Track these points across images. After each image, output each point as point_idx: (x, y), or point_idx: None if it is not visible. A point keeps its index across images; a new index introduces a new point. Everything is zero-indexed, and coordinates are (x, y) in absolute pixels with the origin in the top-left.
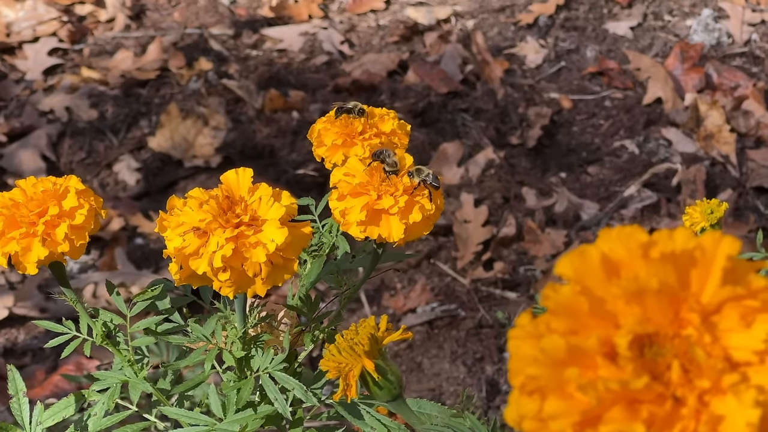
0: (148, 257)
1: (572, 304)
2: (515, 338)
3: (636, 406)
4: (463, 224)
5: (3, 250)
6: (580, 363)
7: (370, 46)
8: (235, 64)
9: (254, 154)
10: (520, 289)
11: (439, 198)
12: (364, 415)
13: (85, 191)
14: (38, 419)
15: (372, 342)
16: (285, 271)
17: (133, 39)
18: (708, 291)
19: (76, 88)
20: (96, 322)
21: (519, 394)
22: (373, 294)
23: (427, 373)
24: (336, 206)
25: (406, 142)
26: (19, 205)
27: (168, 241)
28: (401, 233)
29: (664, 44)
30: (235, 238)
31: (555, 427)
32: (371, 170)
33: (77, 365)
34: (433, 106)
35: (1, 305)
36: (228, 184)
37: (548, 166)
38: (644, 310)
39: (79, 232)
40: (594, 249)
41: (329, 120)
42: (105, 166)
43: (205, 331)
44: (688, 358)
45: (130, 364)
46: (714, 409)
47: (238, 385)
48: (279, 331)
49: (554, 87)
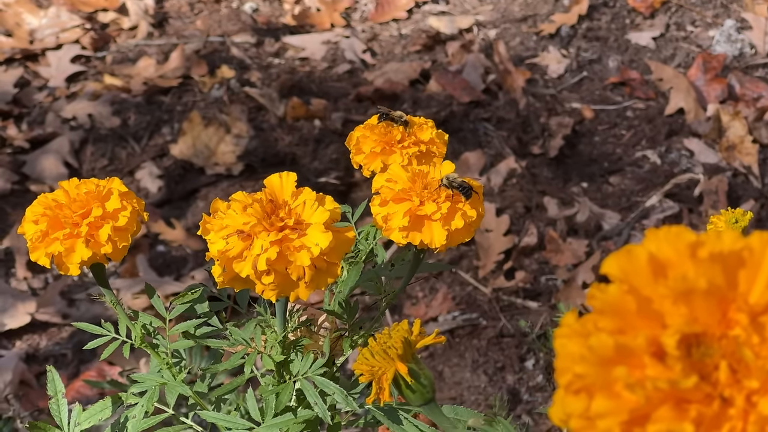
0: (170, 264)
1: (619, 304)
2: (562, 337)
3: (684, 405)
4: (484, 233)
5: (47, 250)
6: (627, 362)
7: (392, 55)
8: (257, 72)
9: (276, 161)
10: (541, 299)
11: (480, 206)
12: (403, 420)
13: (127, 193)
14: (76, 420)
15: (405, 345)
16: (328, 275)
17: (155, 47)
18: (756, 291)
19: (98, 95)
20: (135, 324)
21: (565, 392)
22: (394, 303)
23: (448, 382)
24: (378, 212)
25: (444, 151)
26: (62, 206)
27: (211, 243)
28: (443, 239)
29: (686, 55)
30: (280, 241)
31: (603, 425)
32: (414, 177)
33: (99, 371)
34: (455, 116)
35: (24, 311)
36: (272, 187)
37: (570, 176)
38: (692, 310)
39: (122, 233)
40: (641, 249)
41: (368, 127)
42: (127, 173)
43: (245, 334)
44: (736, 359)
45: (169, 367)
46: (762, 409)
47: (277, 389)
48: (318, 336)
49: (576, 97)
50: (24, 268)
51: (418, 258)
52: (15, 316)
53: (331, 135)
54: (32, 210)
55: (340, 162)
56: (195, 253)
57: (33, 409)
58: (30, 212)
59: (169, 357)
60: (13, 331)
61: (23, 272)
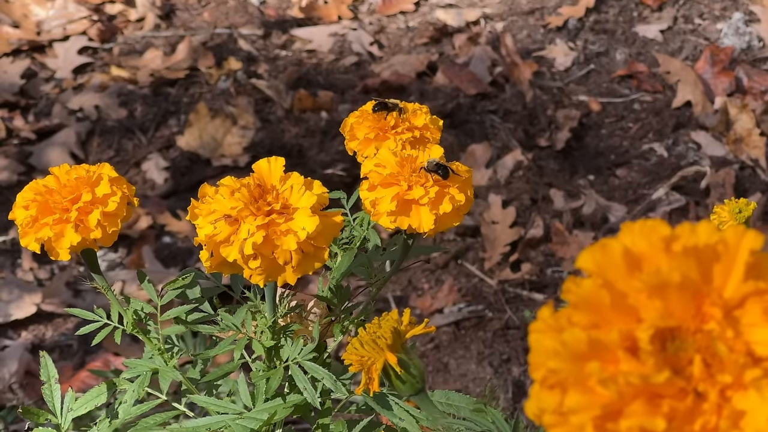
0: (176, 255)
1: (594, 298)
2: (536, 331)
3: (657, 400)
4: (490, 225)
5: (36, 235)
6: (601, 357)
7: (399, 48)
8: (265, 64)
9: (282, 153)
10: (547, 291)
11: (469, 189)
12: (393, 406)
13: (117, 179)
14: (70, 406)
15: (395, 336)
16: (315, 260)
17: (162, 38)
18: (731, 285)
19: (105, 86)
20: (127, 310)
21: (540, 387)
22: (400, 294)
23: (454, 373)
24: (366, 196)
25: (438, 137)
26: (52, 191)
27: (199, 228)
28: (431, 224)
29: (694, 47)
30: (266, 225)
31: (575, 421)
32: (402, 161)
33: (104, 362)
34: (462, 108)
35: (29, 302)
36: (260, 172)
37: (576, 169)
38: (666, 305)
39: (111, 219)
40: (616, 242)
41: (362, 114)
42: (133, 164)
43: (235, 320)
44: (710, 353)
45: (160, 352)
46: (736, 404)
47: (267, 374)
48: (308, 321)
49: (583, 90)
50: (30, 259)
51: (408, 243)
52: (21, 307)
53: (338, 127)
54: (23, 195)
55: (346, 154)
56: None
57: (37, 398)
58: (20, 198)
59: (161, 343)
60: (19, 321)
61: (29, 263)
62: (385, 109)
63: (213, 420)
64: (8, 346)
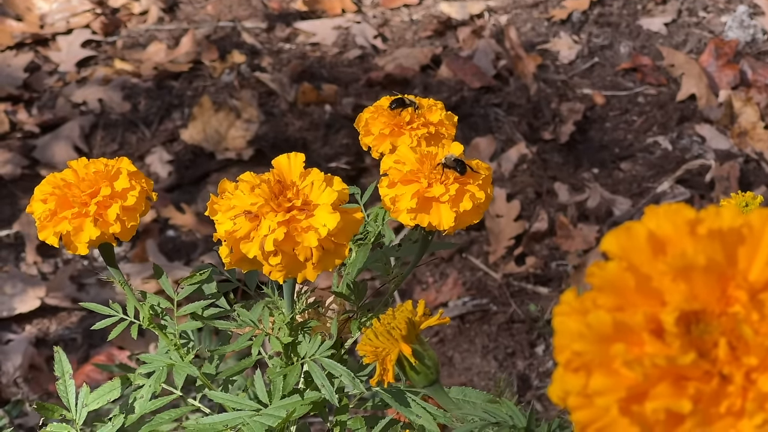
0: (180, 249)
1: (618, 281)
2: (560, 314)
3: (682, 382)
4: (495, 219)
5: (55, 229)
6: (626, 339)
7: (403, 41)
8: (268, 58)
9: (286, 147)
10: (551, 284)
11: (489, 187)
12: (410, 403)
13: (136, 173)
14: (84, 401)
15: (409, 326)
16: (336, 256)
17: (166, 31)
18: (756, 268)
19: (109, 80)
20: (143, 305)
21: (564, 370)
22: (404, 288)
23: (458, 367)
24: (386, 193)
25: (453, 133)
26: (71, 185)
27: (218, 224)
28: (452, 221)
29: (698, 41)
30: (287, 222)
31: (601, 402)
32: (422, 158)
33: (108, 355)
34: (466, 101)
35: (33, 295)
36: (279, 168)
37: (581, 162)
38: (691, 288)
39: (130, 213)
40: (640, 226)
41: (377, 109)
42: (137, 158)
43: (252, 316)
44: (735, 336)
45: (176, 348)
46: (761, 386)
47: (285, 371)
48: (326, 318)
49: (587, 83)
50: (34, 253)
51: (427, 240)
52: (25, 301)
53: (342, 120)
54: (41, 189)
55: (350, 147)
56: (205, 238)
57: (42, 392)
58: (39, 191)
59: (177, 338)
60: (23, 315)
61: (33, 257)
62: (402, 106)
63: (230, 416)
64: (12, 339)
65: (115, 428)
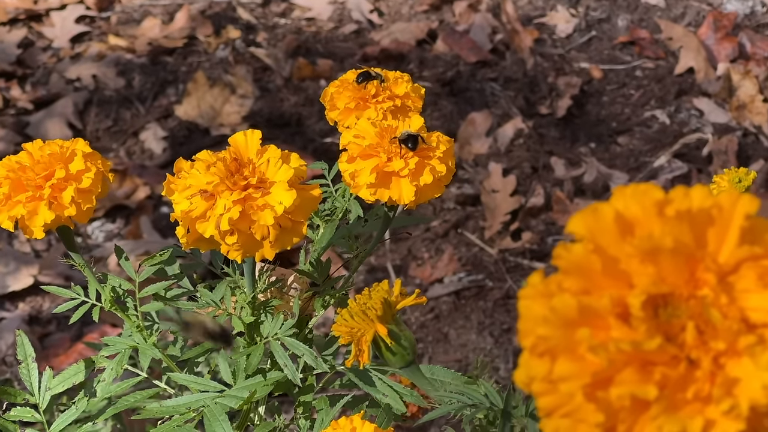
0: (174, 226)
1: (584, 263)
2: (525, 298)
3: (649, 368)
4: (491, 194)
5: (9, 213)
6: (591, 323)
7: (399, 15)
8: (263, 33)
9: (281, 122)
10: (548, 260)
11: (450, 160)
12: (376, 381)
13: (92, 154)
14: (47, 385)
15: (385, 306)
16: (293, 234)
17: (160, 7)
18: (725, 251)
19: (103, 56)
20: (104, 287)
21: (529, 355)
22: (400, 264)
23: (454, 344)
24: (346, 168)
25: (420, 105)
26: (25, 168)
27: (175, 204)
28: (412, 195)
29: (696, 13)
30: (243, 200)
31: (565, 389)
32: (382, 132)
33: (102, 333)
34: (462, 76)
35: (27, 273)
36: (236, 146)
37: (577, 136)
38: (659, 270)
39: (86, 195)
40: (607, 206)
41: (342, 83)
42: (131, 134)
43: (215, 296)
44: (703, 320)
45: (139, 330)
46: (729, 371)
47: (248, 351)
48: (289, 297)
49: (584, 57)
50: None
51: (388, 215)
52: (18, 279)
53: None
54: None
55: None
56: None
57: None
58: None
59: (140, 320)
60: (16, 293)
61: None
62: (368, 79)
63: (192, 399)
64: (5, 318)
65: (79, 411)
